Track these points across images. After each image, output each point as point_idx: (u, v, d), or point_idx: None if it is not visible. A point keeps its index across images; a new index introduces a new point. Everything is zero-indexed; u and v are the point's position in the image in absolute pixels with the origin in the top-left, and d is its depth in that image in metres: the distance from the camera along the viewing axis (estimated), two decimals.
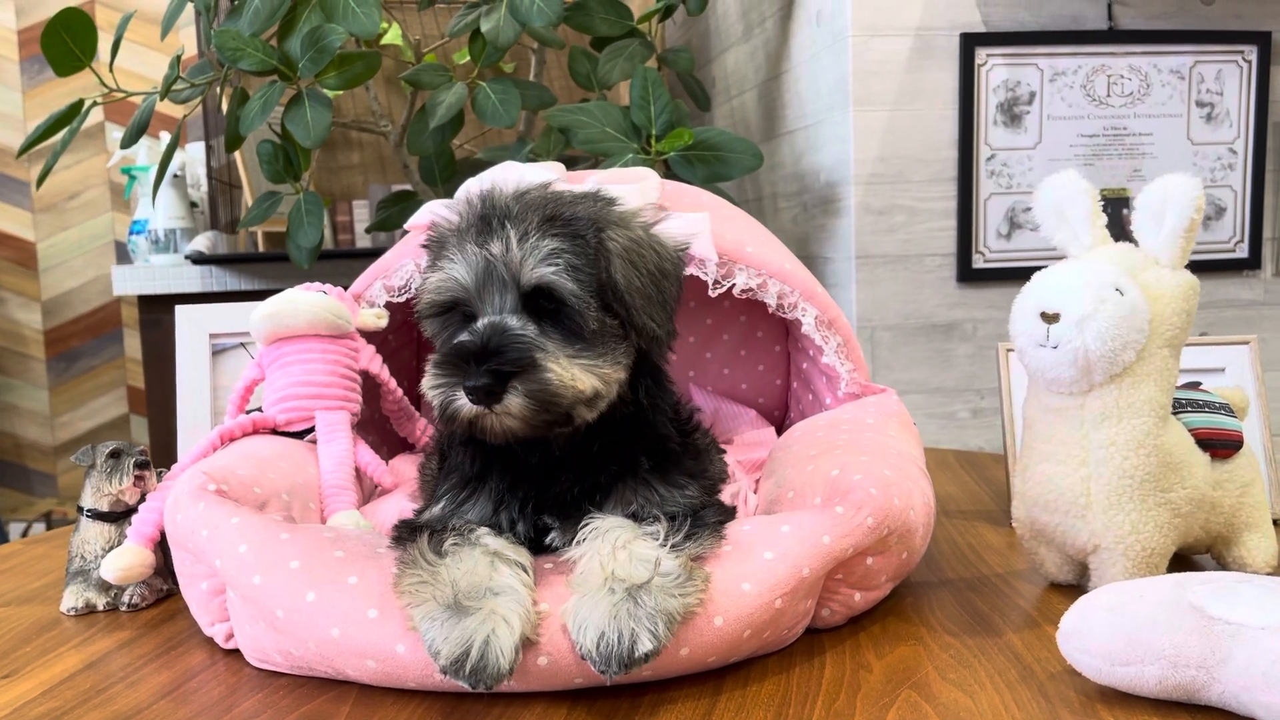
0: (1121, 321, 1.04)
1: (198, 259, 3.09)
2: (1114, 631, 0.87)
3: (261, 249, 3.28)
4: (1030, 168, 2.37)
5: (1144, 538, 1.06)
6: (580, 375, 0.95)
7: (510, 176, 1.41)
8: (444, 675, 0.86)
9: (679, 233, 1.31)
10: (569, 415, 0.96)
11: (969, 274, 2.38)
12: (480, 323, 0.97)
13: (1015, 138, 2.36)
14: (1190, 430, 1.13)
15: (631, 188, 1.34)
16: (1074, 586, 1.18)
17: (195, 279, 3.13)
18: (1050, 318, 1.07)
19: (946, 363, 2.43)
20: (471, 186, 1.41)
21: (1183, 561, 1.22)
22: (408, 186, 3.51)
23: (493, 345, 0.93)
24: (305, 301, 1.36)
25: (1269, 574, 1.15)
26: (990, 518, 1.47)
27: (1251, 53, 2.40)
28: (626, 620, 0.87)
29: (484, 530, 0.99)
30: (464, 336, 0.96)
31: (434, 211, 1.46)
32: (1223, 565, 1.19)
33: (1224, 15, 2.42)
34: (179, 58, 2.36)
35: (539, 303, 0.97)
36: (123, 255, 4.40)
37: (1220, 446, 1.14)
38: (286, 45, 2.23)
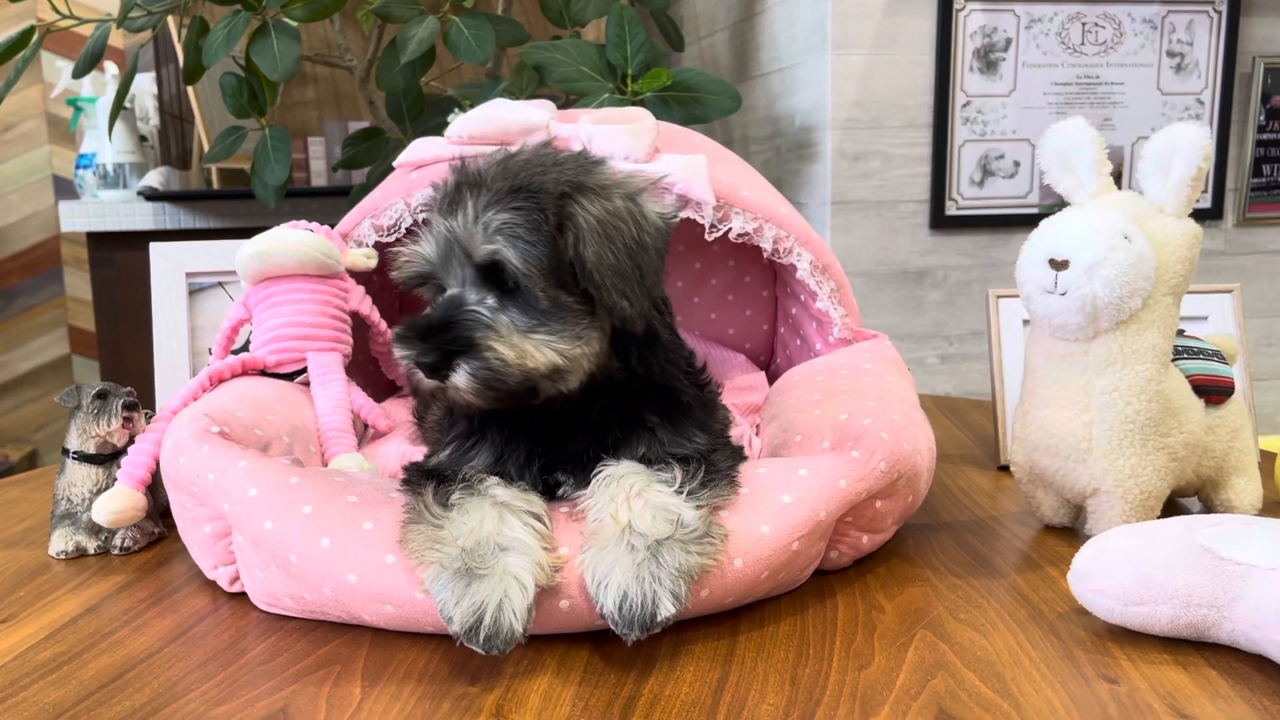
0: (1130, 269, 1.05)
1: (151, 195, 2.99)
2: (1128, 573, 0.89)
3: (216, 185, 3.19)
4: (1004, 115, 2.38)
5: (1142, 481, 1.09)
6: (533, 352, 0.92)
7: (503, 115, 1.38)
8: (457, 641, 0.85)
9: (676, 188, 1.30)
10: (530, 389, 0.94)
11: (942, 221, 2.39)
12: (443, 295, 0.97)
13: (990, 85, 2.37)
14: (1187, 376, 1.15)
15: (625, 129, 1.32)
16: (1068, 529, 1.20)
17: (148, 216, 3.03)
18: (1059, 264, 1.08)
19: (917, 309, 2.45)
20: (464, 124, 1.38)
21: (1170, 504, 1.25)
22: (366, 123, 3.43)
23: (443, 322, 0.93)
24: (295, 240, 1.32)
25: (1255, 515, 1.19)
26: (976, 461, 1.49)
27: (1222, 3, 2.42)
28: (649, 582, 0.86)
29: (493, 480, 0.96)
30: (428, 310, 0.97)
31: (423, 152, 1.44)
32: (1210, 507, 1.22)
33: None
34: None
35: (499, 276, 0.94)
36: (62, 190, 4.25)
37: (1214, 393, 1.17)
38: None
